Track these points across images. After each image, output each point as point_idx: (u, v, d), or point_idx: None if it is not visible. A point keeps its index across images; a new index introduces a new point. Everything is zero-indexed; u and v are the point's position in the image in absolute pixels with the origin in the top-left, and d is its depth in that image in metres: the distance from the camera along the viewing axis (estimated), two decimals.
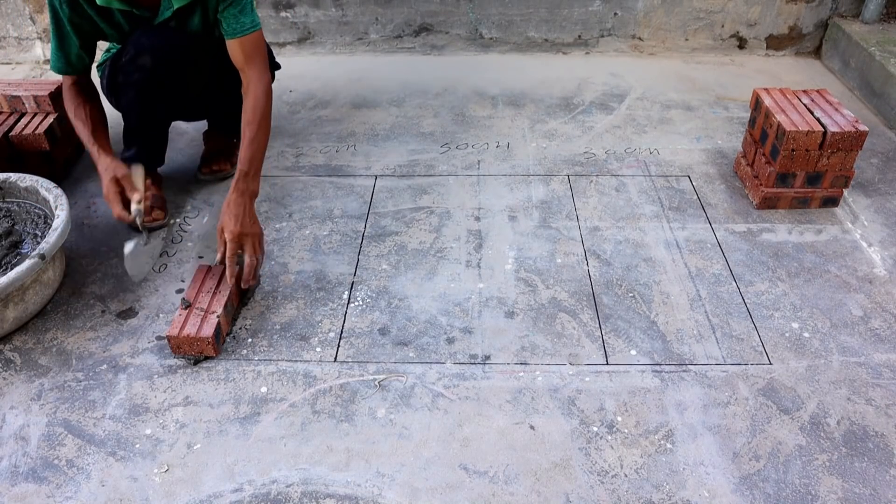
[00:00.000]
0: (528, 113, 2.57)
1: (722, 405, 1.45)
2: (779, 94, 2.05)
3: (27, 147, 2.12)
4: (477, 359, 1.57)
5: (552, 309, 1.69)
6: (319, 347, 1.61)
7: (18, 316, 1.62)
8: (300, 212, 2.05)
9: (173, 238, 1.96)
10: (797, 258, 1.84)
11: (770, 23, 2.93)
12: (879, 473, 1.31)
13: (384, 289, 1.77)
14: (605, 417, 1.43)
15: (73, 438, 1.41)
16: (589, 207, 2.04)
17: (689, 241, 1.91)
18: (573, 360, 1.56)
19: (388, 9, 2.95)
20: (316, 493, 1.29)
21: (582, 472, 1.32)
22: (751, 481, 1.30)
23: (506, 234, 1.94)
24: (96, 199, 2.12)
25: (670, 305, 1.70)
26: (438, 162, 2.28)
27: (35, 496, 1.30)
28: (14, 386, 1.53)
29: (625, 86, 2.75)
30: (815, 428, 1.40)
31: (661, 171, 2.20)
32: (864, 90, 2.62)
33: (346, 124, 2.51)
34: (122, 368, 1.57)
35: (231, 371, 1.55)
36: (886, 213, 2.00)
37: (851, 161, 1.92)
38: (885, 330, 1.62)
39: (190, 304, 1.60)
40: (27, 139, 2.11)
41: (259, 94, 1.75)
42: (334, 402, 1.48)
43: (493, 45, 3.04)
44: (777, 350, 1.58)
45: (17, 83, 2.27)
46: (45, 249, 1.59)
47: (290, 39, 3.05)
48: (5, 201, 1.86)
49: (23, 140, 2.11)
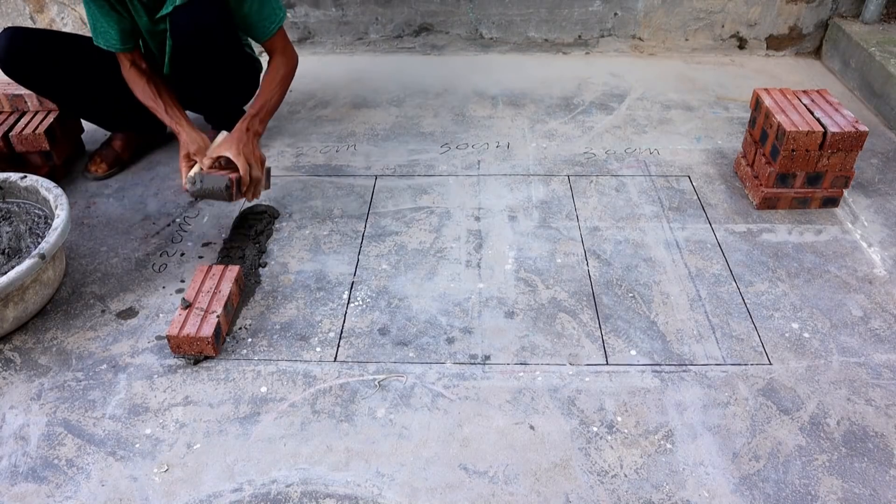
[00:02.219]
0: (528, 113, 2.57)
1: (722, 405, 1.45)
2: (779, 95, 2.05)
3: (27, 147, 2.12)
4: (477, 359, 1.57)
5: (552, 309, 1.69)
6: (319, 347, 1.61)
7: (18, 316, 1.62)
8: (300, 212, 2.05)
9: (173, 238, 1.96)
10: (797, 258, 1.84)
11: (770, 23, 2.93)
12: (879, 474, 1.31)
13: (384, 289, 1.77)
14: (605, 417, 1.43)
15: (72, 438, 1.41)
16: (589, 207, 2.04)
17: (689, 241, 1.91)
18: (573, 360, 1.56)
19: (388, 9, 2.95)
20: (316, 493, 1.29)
21: (582, 472, 1.32)
22: (750, 481, 1.30)
23: (506, 234, 1.94)
24: (96, 200, 2.13)
25: (670, 305, 1.70)
26: (438, 162, 2.28)
27: (35, 496, 1.30)
28: (14, 386, 1.53)
29: (625, 86, 2.75)
30: (815, 428, 1.40)
31: (661, 172, 2.20)
32: (864, 90, 2.62)
33: (346, 124, 2.51)
34: (121, 368, 1.57)
35: (231, 371, 1.55)
36: (886, 214, 2.00)
37: (851, 161, 1.92)
38: (885, 330, 1.62)
39: (190, 303, 1.60)
40: (27, 139, 2.11)
41: (281, 65, 1.94)
42: (334, 401, 1.48)
43: (493, 45, 3.04)
44: (777, 350, 1.58)
45: None
46: (45, 249, 1.59)
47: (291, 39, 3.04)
48: (5, 201, 1.86)
49: (23, 140, 2.11)
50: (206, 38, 1.86)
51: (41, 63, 1.96)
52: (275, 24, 1.92)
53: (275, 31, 1.93)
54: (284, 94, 1.95)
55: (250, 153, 1.78)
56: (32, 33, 1.95)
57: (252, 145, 1.80)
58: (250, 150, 1.78)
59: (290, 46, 2.00)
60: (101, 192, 2.16)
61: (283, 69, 1.94)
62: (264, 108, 1.87)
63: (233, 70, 2.03)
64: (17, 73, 1.96)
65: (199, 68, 1.95)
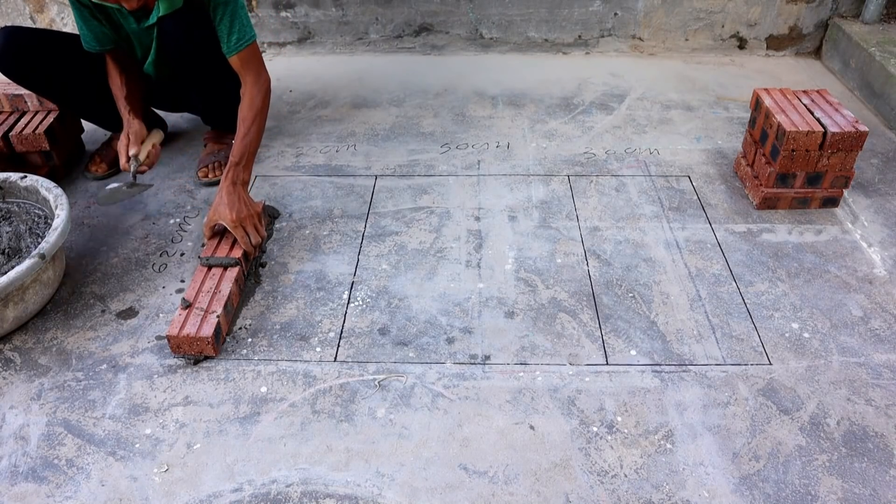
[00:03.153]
0: (528, 113, 2.57)
1: (722, 405, 1.45)
2: (779, 95, 2.05)
3: (27, 147, 2.12)
4: (477, 359, 1.57)
5: (552, 309, 1.69)
6: (319, 347, 1.61)
7: (18, 315, 1.62)
8: (300, 212, 2.05)
9: (173, 238, 1.96)
10: (797, 258, 1.84)
11: (770, 23, 2.93)
12: (879, 474, 1.31)
13: (384, 289, 1.77)
14: (605, 417, 1.43)
15: (72, 438, 1.41)
16: (589, 207, 2.04)
17: (689, 241, 1.91)
18: (573, 360, 1.56)
19: (388, 9, 2.95)
20: (315, 493, 1.29)
21: (582, 473, 1.32)
22: (750, 481, 1.30)
23: (506, 234, 1.94)
24: (96, 200, 2.13)
25: (670, 305, 1.70)
26: (438, 162, 2.28)
27: (35, 496, 1.30)
28: (14, 386, 1.53)
29: (625, 86, 2.75)
30: (815, 428, 1.40)
31: (661, 172, 2.20)
32: (864, 91, 2.62)
33: (346, 124, 2.51)
34: (121, 368, 1.57)
35: (231, 371, 1.55)
36: (886, 214, 2.00)
37: (851, 161, 1.92)
38: (885, 330, 1.62)
39: (190, 303, 1.60)
40: (27, 139, 2.11)
41: (254, 93, 1.88)
42: (334, 401, 1.48)
43: (493, 45, 3.04)
44: (777, 350, 1.58)
45: None
46: (45, 249, 1.59)
47: (290, 39, 3.05)
48: (5, 201, 1.86)
49: (23, 140, 2.11)
50: (191, 47, 1.89)
51: (40, 62, 1.97)
52: (241, 43, 1.86)
53: (240, 50, 1.86)
54: (264, 126, 1.91)
55: (245, 217, 1.76)
56: (31, 33, 1.96)
57: (243, 202, 1.77)
58: (244, 212, 1.76)
59: (263, 70, 1.93)
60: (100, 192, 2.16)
61: (258, 100, 1.87)
62: (245, 153, 1.82)
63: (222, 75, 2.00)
64: (15, 73, 1.97)
65: (187, 74, 1.98)
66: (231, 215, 1.73)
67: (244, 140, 1.83)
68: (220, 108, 2.22)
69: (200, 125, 2.46)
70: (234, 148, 1.82)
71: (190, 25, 1.86)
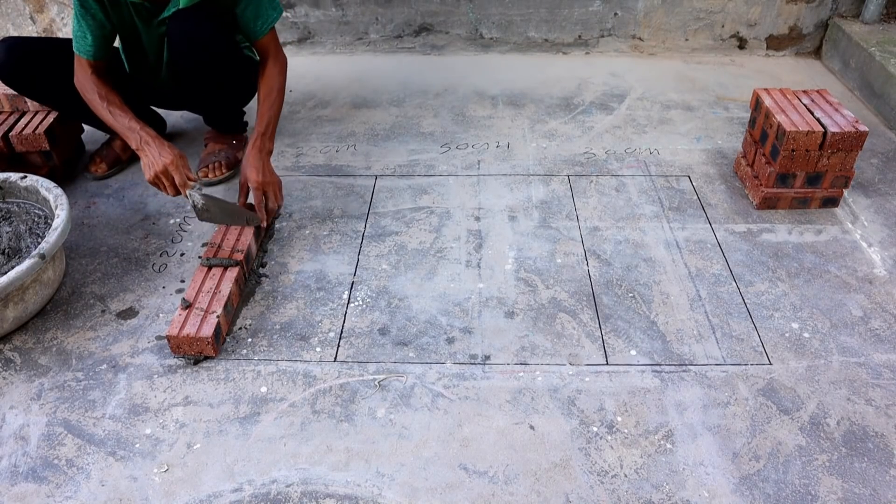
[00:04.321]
0: (528, 113, 2.57)
1: (722, 405, 1.45)
2: (779, 95, 2.05)
3: (27, 147, 2.12)
4: (477, 359, 1.57)
5: (552, 309, 1.69)
6: (319, 347, 1.61)
7: (18, 316, 1.62)
8: (300, 212, 2.05)
9: (173, 238, 1.96)
10: (797, 258, 1.84)
11: (770, 23, 2.93)
12: (879, 474, 1.31)
13: (384, 289, 1.77)
14: (605, 417, 1.43)
15: (72, 438, 1.41)
16: (589, 207, 2.04)
17: (689, 241, 1.91)
18: (573, 360, 1.56)
19: (388, 9, 2.95)
20: (316, 493, 1.29)
21: (582, 473, 1.32)
22: (751, 481, 1.30)
23: (506, 234, 1.94)
24: (96, 200, 2.13)
25: (670, 305, 1.70)
26: (438, 162, 2.28)
27: (35, 496, 1.30)
28: (14, 386, 1.53)
29: (625, 86, 2.75)
30: (815, 428, 1.40)
31: (661, 172, 2.20)
32: (864, 91, 2.62)
33: (346, 124, 2.51)
34: (121, 368, 1.57)
35: (231, 371, 1.55)
36: (886, 214, 2.00)
37: (851, 161, 1.92)
38: (885, 330, 1.62)
39: (190, 303, 1.60)
40: (27, 139, 2.11)
41: (275, 72, 1.95)
42: (334, 401, 1.48)
43: (493, 45, 3.04)
44: (777, 350, 1.58)
45: None
46: (45, 249, 1.59)
47: (290, 39, 3.05)
48: (5, 201, 1.86)
49: (23, 140, 2.11)
50: (204, 44, 1.87)
51: (41, 72, 1.98)
52: (267, 24, 1.91)
53: (266, 32, 1.92)
54: (283, 102, 1.98)
55: (269, 182, 1.85)
56: (31, 43, 1.97)
57: (268, 169, 1.86)
58: (269, 178, 1.86)
59: (280, 49, 2.00)
60: (101, 192, 2.17)
61: (279, 77, 1.95)
62: (270, 124, 1.90)
63: (232, 74, 2.03)
64: (18, 84, 1.99)
65: (197, 73, 1.96)
66: (258, 178, 1.82)
67: (269, 112, 1.90)
68: (223, 108, 2.22)
69: (200, 125, 2.46)
70: (260, 119, 1.88)
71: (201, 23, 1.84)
